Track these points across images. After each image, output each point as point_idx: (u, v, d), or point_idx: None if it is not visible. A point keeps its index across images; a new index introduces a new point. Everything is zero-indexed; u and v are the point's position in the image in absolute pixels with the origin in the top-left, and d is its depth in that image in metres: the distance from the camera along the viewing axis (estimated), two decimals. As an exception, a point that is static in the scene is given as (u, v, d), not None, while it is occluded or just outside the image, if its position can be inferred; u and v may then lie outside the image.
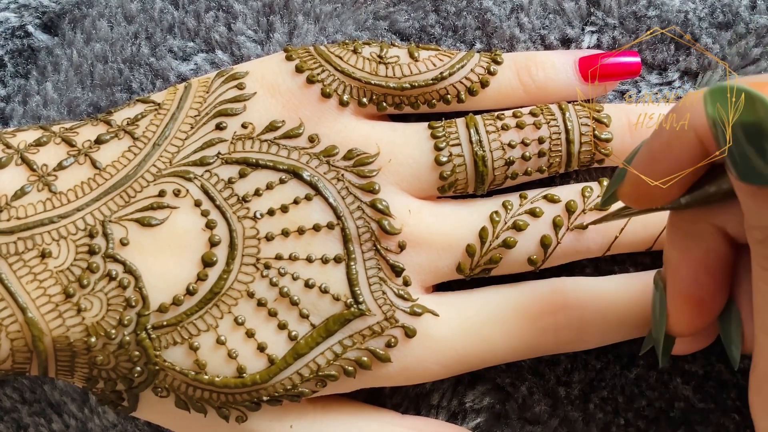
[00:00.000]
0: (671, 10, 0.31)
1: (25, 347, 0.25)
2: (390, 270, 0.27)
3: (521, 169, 0.28)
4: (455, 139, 0.28)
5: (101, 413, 0.31)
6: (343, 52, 0.29)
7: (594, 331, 0.28)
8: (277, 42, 0.31)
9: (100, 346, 0.25)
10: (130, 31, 0.32)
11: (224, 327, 0.26)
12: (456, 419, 0.30)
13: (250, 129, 0.27)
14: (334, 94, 0.28)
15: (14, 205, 0.25)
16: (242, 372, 0.26)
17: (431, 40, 0.31)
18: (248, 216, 0.27)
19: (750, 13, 0.31)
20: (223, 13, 0.32)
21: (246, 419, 0.27)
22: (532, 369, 0.30)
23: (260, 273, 0.26)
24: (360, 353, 0.27)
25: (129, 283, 0.25)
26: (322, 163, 0.27)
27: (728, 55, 0.30)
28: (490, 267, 0.28)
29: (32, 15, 0.33)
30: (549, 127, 0.28)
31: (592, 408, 0.29)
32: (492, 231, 0.28)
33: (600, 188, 0.28)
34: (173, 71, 0.32)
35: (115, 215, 0.26)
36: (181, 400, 0.26)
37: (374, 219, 0.27)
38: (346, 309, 0.26)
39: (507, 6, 0.31)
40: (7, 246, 0.25)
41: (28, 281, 0.25)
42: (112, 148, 0.27)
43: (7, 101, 0.32)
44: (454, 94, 0.29)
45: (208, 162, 0.27)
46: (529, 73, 0.29)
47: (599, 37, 0.31)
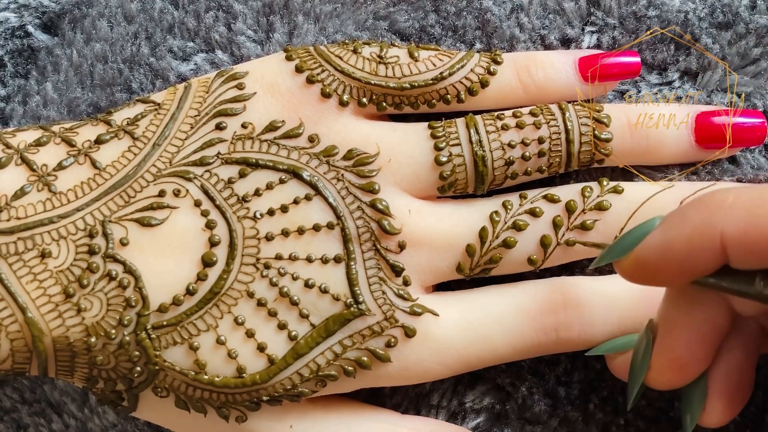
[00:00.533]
0: (671, 10, 0.31)
1: (25, 347, 0.25)
2: (390, 270, 0.27)
3: (521, 169, 0.28)
4: (455, 139, 0.28)
5: (101, 413, 0.31)
6: (343, 52, 0.29)
7: (594, 330, 0.28)
8: (277, 42, 0.31)
9: (100, 346, 0.25)
10: (130, 31, 0.32)
11: (224, 327, 0.26)
12: (456, 419, 0.30)
13: (250, 129, 0.27)
14: (333, 94, 0.28)
15: (14, 205, 0.25)
16: (242, 372, 0.26)
17: (431, 40, 0.31)
18: (248, 216, 0.27)
19: (750, 13, 0.31)
20: (223, 13, 0.32)
21: (246, 419, 0.27)
22: (532, 369, 0.30)
23: (260, 273, 0.26)
24: (360, 353, 0.27)
25: (129, 283, 0.25)
26: (321, 163, 0.27)
27: (728, 55, 0.30)
28: (490, 267, 0.28)
29: (32, 15, 0.33)
30: (549, 127, 0.28)
31: (592, 408, 0.29)
32: (492, 231, 0.28)
33: (600, 188, 0.28)
34: (173, 71, 0.32)
35: (115, 215, 0.26)
36: (181, 400, 0.26)
37: (374, 219, 0.27)
38: (346, 309, 0.26)
39: (507, 6, 0.31)
40: (7, 246, 0.25)
41: (28, 281, 0.25)
42: (112, 148, 0.27)
43: (7, 101, 0.32)
44: (454, 94, 0.29)
45: (208, 162, 0.27)
46: (528, 73, 0.29)
47: (599, 37, 0.31)
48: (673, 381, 0.24)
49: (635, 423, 0.29)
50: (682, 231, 0.21)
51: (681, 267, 0.21)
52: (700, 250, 0.20)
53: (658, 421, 0.29)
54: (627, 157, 0.29)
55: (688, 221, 0.21)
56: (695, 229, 0.20)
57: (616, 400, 0.29)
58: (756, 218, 0.19)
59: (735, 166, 0.30)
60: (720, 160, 0.30)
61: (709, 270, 0.21)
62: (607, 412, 0.29)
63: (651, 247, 0.21)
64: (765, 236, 0.19)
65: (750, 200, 0.20)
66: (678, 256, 0.21)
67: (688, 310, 0.23)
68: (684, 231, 0.21)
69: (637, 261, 0.22)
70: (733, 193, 0.20)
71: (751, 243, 0.19)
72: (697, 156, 0.29)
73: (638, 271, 0.22)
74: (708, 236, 0.20)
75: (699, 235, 0.20)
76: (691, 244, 0.20)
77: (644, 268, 0.22)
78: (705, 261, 0.20)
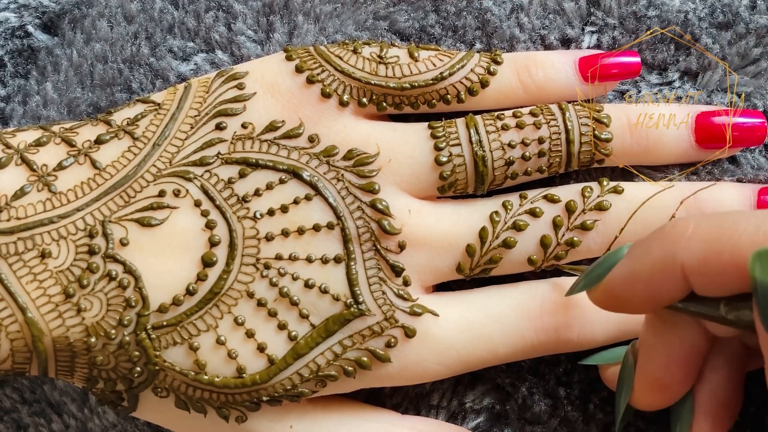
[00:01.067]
0: (671, 10, 0.31)
1: (25, 347, 0.25)
2: (390, 270, 0.27)
3: (521, 169, 0.28)
4: (455, 139, 0.28)
5: (101, 413, 0.31)
6: (343, 52, 0.29)
7: (594, 331, 0.28)
8: (277, 42, 0.31)
9: (100, 346, 0.25)
10: (130, 31, 0.32)
11: (224, 327, 0.26)
12: (456, 419, 0.30)
13: (250, 129, 0.27)
14: (334, 94, 0.28)
15: (14, 205, 0.25)
16: (242, 372, 0.26)
17: (431, 40, 0.31)
18: (248, 216, 0.27)
19: (750, 13, 0.31)
20: (223, 13, 0.32)
21: (246, 419, 0.27)
22: (532, 369, 0.30)
23: (260, 273, 0.26)
24: (360, 353, 0.27)
25: (129, 284, 0.25)
26: (321, 163, 0.27)
27: (728, 55, 0.30)
28: (490, 267, 0.28)
29: (32, 15, 0.33)
30: (549, 127, 0.28)
31: (592, 408, 0.29)
32: (492, 231, 0.28)
33: (600, 188, 0.28)
34: (173, 71, 0.32)
35: (115, 215, 0.26)
36: (181, 400, 0.26)
37: (374, 219, 0.27)
38: (346, 309, 0.26)
39: (507, 6, 0.31)
40: (7, 246, 0.25)
41: (28, 281, 0.25)
42: (112, 148, 0.27)
43: (7, 101, 0.32)
44: (454, 94, 0.29)
45: (208, 162, 0.27)
46: (528, 73, 0.29)
47: (599, 37, 0.31)
48: (656, 403, 0.24)
49: (635, 423, 0.29)
50: (644, 262, 0.21)
51: (647, 296, 0.22)
52: (663, 280, 0.21)
53: (658, 421, 0.29)
54: (627, 157, 0.29)
55: (651, 253, 0.21)
56: (656, 260, 0.21)
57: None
58: (713, 250, 0.20)
59: (735, 166, 0.30)
60: (720, 160, 0.30)
61: (676, 298, 0.21)
62: (607, 412, 0.29)
63: (617, 278, 0.22)
64: (722, 267, 0.20)
65: (708, 232, 0.20)
66: (643, 286, 0.21)
67: (664, 334, 0.23)
68: (646, 262, 0.21)
69: (606, 291, 0.23)
70: (693, 224, 0.20)
71: (711, 273, 0.20)
72: (697, 156, 0.29)
73: (608, 300, 0.23)
74: (669, 267, 0.21)
75: (660, 267, 0.21)
76: (654, 275, 0.21)
77: (613, 297, 0.23)
78: (669, 290, 0.21)
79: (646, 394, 0.24)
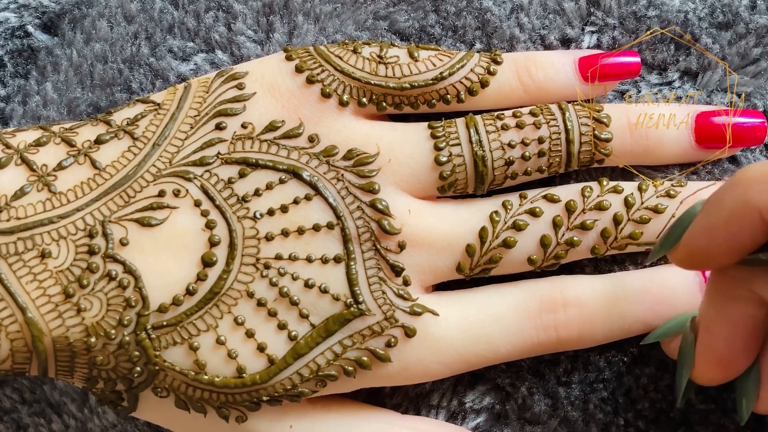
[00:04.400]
0: (671, 10, 0.31)
1: (25, 347, 0.25)
2: (390, 270, 0.27)
3: (521, 169, 0.28)
4: (455, 139, 0.28)
5: (101, 413, 0.31)
6: (343, 52, 0.29)
7: (594, 329, 0.28)
8: (277, 42, 0.31)
9: (99, 346, 0.25)
10: (129, 31, 0.32)
11: (224, 327, 0.26)
12: (456, 419, 0.30)
13: (250, 129, 0.27)
14: (333, 94, 0.28)
15: (14, 205, 0.25)
16: (242, 372, 0.26)
17: (431, 40, 0.31)
18: (248, 216, 0.27)
19: (750, 13, 0.31)
20: (223, 13, 0.32)
21: (246, 419, 0.27)
22: (532, 369, 0.30)
23: (260, 273, 0.26)
24: (360, 353, 0.27)
25: (129, 283, 0.25)
26: (321, 163, 0.27)
27: (728, 55, 0.30)
28: (490, 267, 0.28)
29: (32, 15, 0.33)
30: (549, 127, 0.28)
31: (592, 408, 0.29)
32: (492, 231, 0.28)
33: (600, 188, 0.28)
34: (173, 71, 0.32)
35: (115, 215, 0.26)
36: (181, 400, 0.26)
37: (374, 219, 0.27)
38: (346, 309, 0.26)
39: (507, 6, 0.31)
40: (6, 246, 0.25)
41: (28, 281, 0.25)
42: (112, 148, 0.27)
43: (7, 101, 0.32)
44: (453, 94, 0.29)
45: (208, 162, 0.27)
46: (528, 73, 0.29)
47: (599, 37, 0.31)
48: (718, 377, 0.24)
49: (635, 423, 0.29)
50: (721, 213, 0.21)
51: (728, 246, 0.21)
52: (741, 228, 0.21)
53: (658, 421, 0.29)
54: (627, 157, 0.29)
55: (725, 203, 0.21)
56: (732, 209, 0.21)
57: (616, 400, 0.29)
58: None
59: (735, 166, 0.30)
60: (720, 160, 0.30)
61: (757, 242, 0.21)
62: (607, 412, 0.29)
63: (696, 233, 0.22)
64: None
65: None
66: (723, 237, 0.21)
67: (724, 307, 0.23)
68: (723, 213, 0.21)
69: (687, 248, 0.22)
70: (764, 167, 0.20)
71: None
72: (697, 156, 0.29)
73: (691, 257, 0.23)
74: (745, 213, 0.20)
75: (737, 214, 0.21)
76: (731, 224, 0.21)
77: (695, 254, 0.22)
78: (749, 235, 0.21)
79: (708, 369, 0.24)
